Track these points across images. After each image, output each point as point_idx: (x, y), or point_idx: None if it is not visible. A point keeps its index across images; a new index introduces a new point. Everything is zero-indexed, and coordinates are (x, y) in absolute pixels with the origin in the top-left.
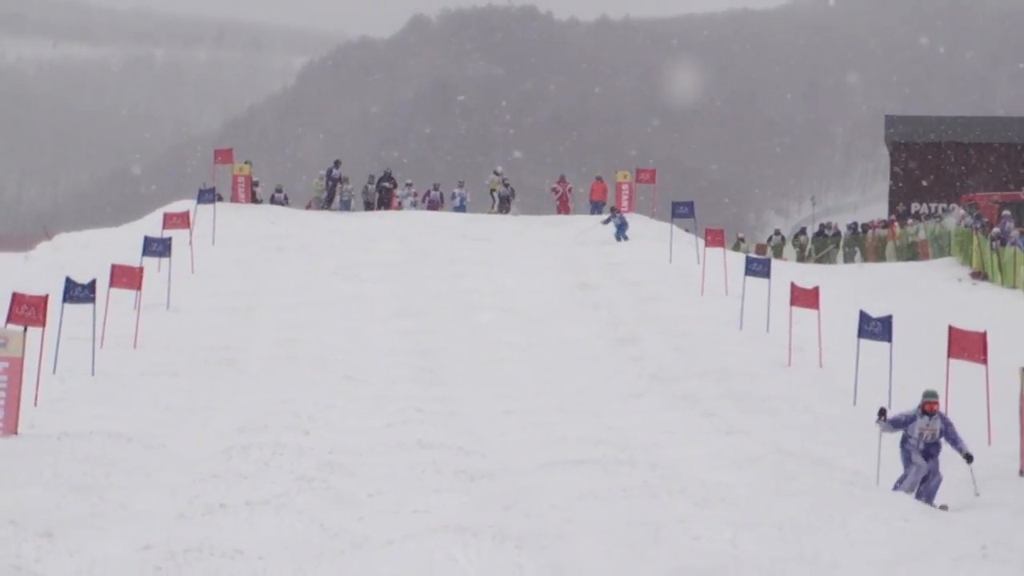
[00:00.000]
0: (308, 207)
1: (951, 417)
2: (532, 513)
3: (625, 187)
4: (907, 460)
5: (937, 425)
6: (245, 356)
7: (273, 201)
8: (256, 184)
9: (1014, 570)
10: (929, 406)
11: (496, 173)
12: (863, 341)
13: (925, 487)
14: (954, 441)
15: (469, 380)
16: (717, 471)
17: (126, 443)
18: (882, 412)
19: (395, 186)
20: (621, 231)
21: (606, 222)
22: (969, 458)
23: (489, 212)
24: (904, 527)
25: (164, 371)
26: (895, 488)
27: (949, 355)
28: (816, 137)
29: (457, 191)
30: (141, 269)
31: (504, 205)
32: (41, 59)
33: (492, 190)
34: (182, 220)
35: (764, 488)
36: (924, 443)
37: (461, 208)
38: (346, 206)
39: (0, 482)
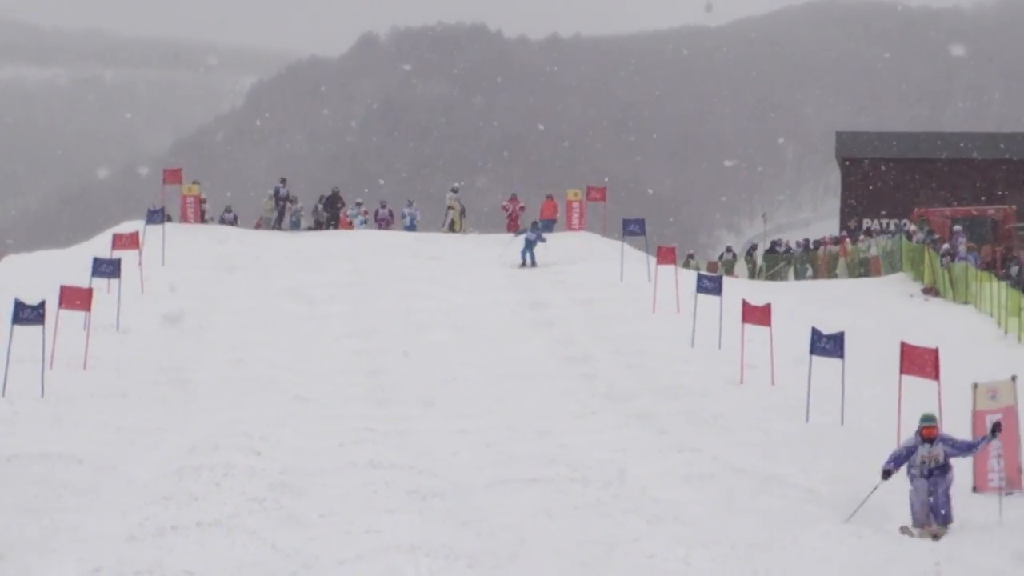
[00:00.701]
0: (257, 226)
1: (945, 431)
2: (485, 532)
3: (576, 205)
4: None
5: (940, 450)
6: (196, 377)
7: (222, 221)
8: (204, 202)
9: None
10: (927, 432)
11: (453, 191)
12: (815, 358)
13: (934, 500)
14: (969, 448)
15: (421, 399)
16: (670, 489)
17: (77, 465)
18: (887, 474)
19: (343, 205)
20: (529, 249)
21: (520, 232)
22: (997, 427)
23: (441, 231)
24: (857, 544)
25: (114, 392)
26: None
27: (901, 371)
28: (767, 154)
29: (407, 210)
30: (90, 290)
31: (452, 224)
32: None
33: (450, 207)
34: (131, 241)
35: (717, 506)
36: (928, 468)
37: (412, 227)
38: (295, 225)
39: None
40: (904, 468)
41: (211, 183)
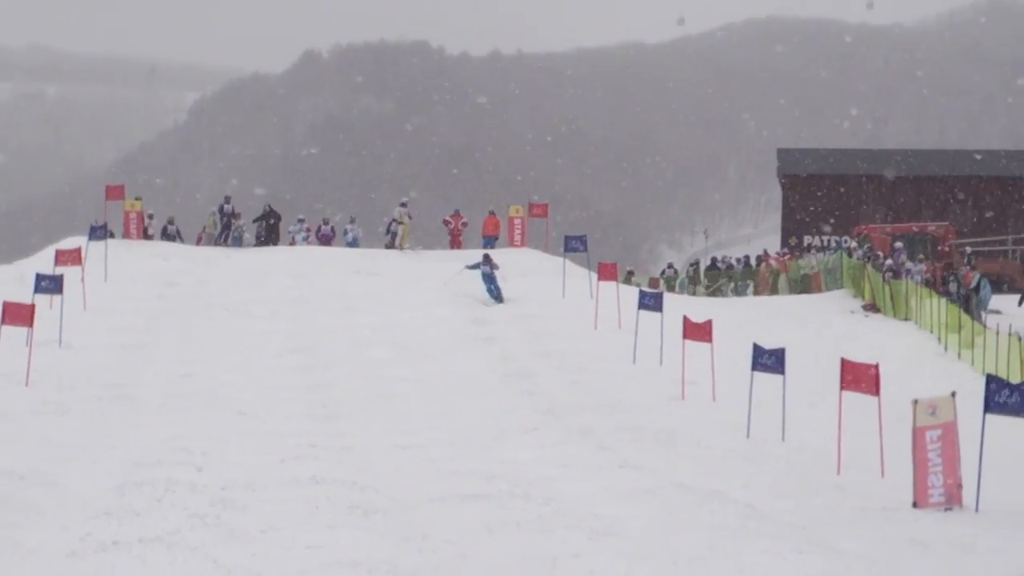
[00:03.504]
0: (198, 242)
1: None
2: (426, 548)
3: (518, 222)
4: None
5: None
6: (138, 393)
7: (165, 233)
8: (151, 217)
9: None
10: None
11: (402, 205)
12: (756, 374)
13: None
14: None
15: (362, 415)
16: (611, 505)
17: (18, 481)
18: None
19: (278, 220)
20: (491, 284)
21: (472, 267)
22: None
23: (386, 241)
24: (798, 559)
25: (56, 408)
26: None
27: (842, 387)
28: (709, 170)
29: (349, 227)
30: (33, 306)
31: (394, 240)
32: None
33: (399, 222)
34: (74, 257)
35: (658, 521)
36: None
37: (354, 244)
38: (238, 242)
39: None
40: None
41: (154, 199)
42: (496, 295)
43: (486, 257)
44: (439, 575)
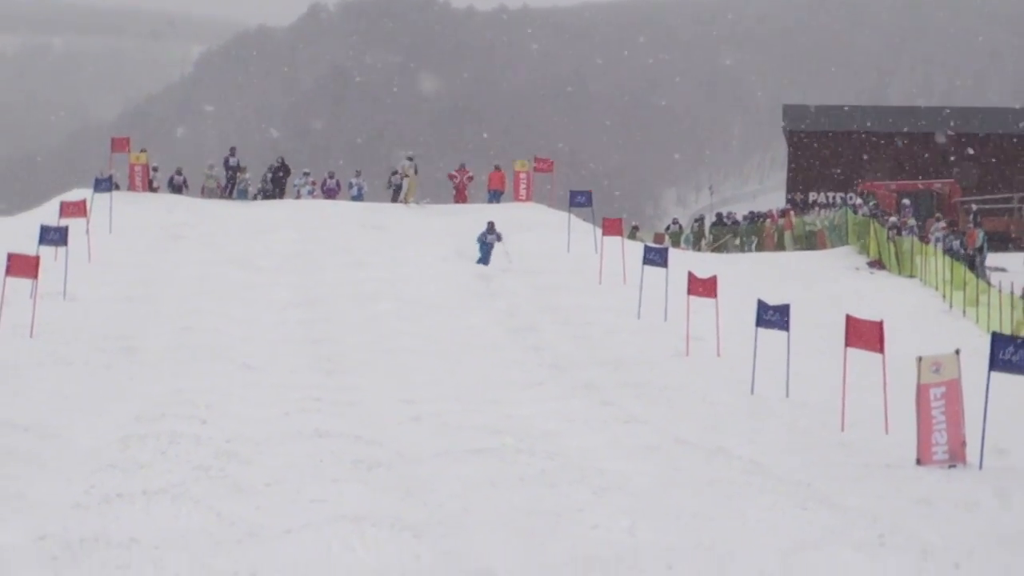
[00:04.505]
0: (202, 193)
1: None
2: (430, 502)
3: (523, 176)
4: None
5: None
6: (142, 345)
7: (171, 183)
8: (155, 170)
9: (912, 559)
10: None
11: (409, 159)
12: (761, 330)
13: None
14: None
15: (367, 369)
16: (615, 460)
17: (22, 433)
18: None
19: (287, 174)
20: (485, 253)
21: (482, 239)
22: None
23: (388, 192)
24: (802, 515)
25: (61, 360)
26: None
27: (846, 344)
28: (714, 126)
29: (354, 180)
30: (37, 258)
31: (397, 193)
32: None
33: (404, 175)
34: (79, 209)
35: (662, 477)
36: None
37: (359, 197)
38: (243, 195)
39: None
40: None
41: (159, 152)
42: (482, 262)
43: (490, 225)
44: (443, 529)
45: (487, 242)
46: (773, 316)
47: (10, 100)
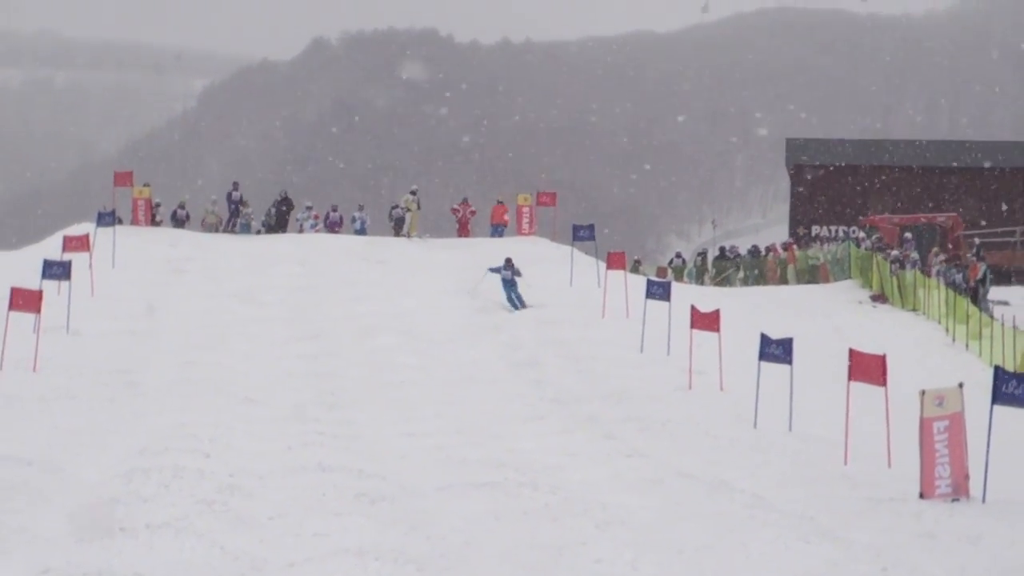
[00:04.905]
0: (203, 226)
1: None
2: (433, 536)
3: (526, 210)
4: None
5: None
6: (145, 379)
7: (175, 217)
8: (158, 205)
9: None
10: None
11: (412, 193)
12: (764, 364)
13: None
14: None
15: (369, 403)
16: (618, 494)
17: (25, 467)
18: None
19: (291, 208)
20: (512, 291)
21: (494, 270)
22: None
23: (390, 227)
24: (804, 549)
25: (64, 394)
26: None
27: (850, 378)
28: (717, 160)
29: (357, 214)
30: (40, 292)
31: (400, 227)
32: None
33: (407, 210)
34: (82, 243)
35: (665, 511)
36: None
37: (362, 231)
38: (246, 228)
39: None
40: None
41: (163, 186)
42: (517, 302)
43: (507, 261)
44: (446, 563)
45: (506, 279)
46: (776, 350)
47: (13, 134)
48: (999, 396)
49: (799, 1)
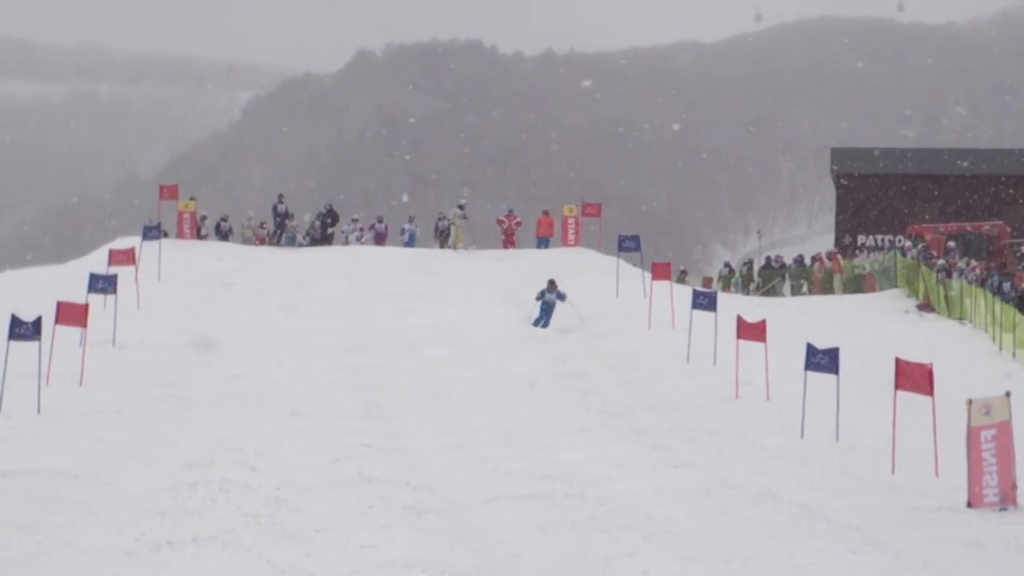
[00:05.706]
0: (249, 240)
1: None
2: (481, 548)
3: (571, 221)
4: None
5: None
6: (191, 392)
7: (219, 230)
8: (203, 219)
9: None
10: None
11: (460, 207)
12: (810, 373)
13: None
14: None
15: (416, 415)
16: (665, 504)
17: (72, 481)
18: None
19: (336, 220)
20: (546, 316)
21: (539, 296)
22: None
23: (453, 247)
24: (852, 559)
25: (110, 408)
26: None
27: (896, 387)
28: (763, 169)
29: (407, 226)
30: (87, 306)
31: (445, 239)
32: None
33: (452, 223)
34: (128, 257)
35: (711, 521)
36: None
37: (411, 243)
38: (291, 241)
39: None
40: None
41: (207, 199)
42: (542, 325)
43: (551, 284)
44: (493, 575)
45: (547, 301)
46: (822, 359)
47: (58, 148)
48: None
49: (842, 10)
